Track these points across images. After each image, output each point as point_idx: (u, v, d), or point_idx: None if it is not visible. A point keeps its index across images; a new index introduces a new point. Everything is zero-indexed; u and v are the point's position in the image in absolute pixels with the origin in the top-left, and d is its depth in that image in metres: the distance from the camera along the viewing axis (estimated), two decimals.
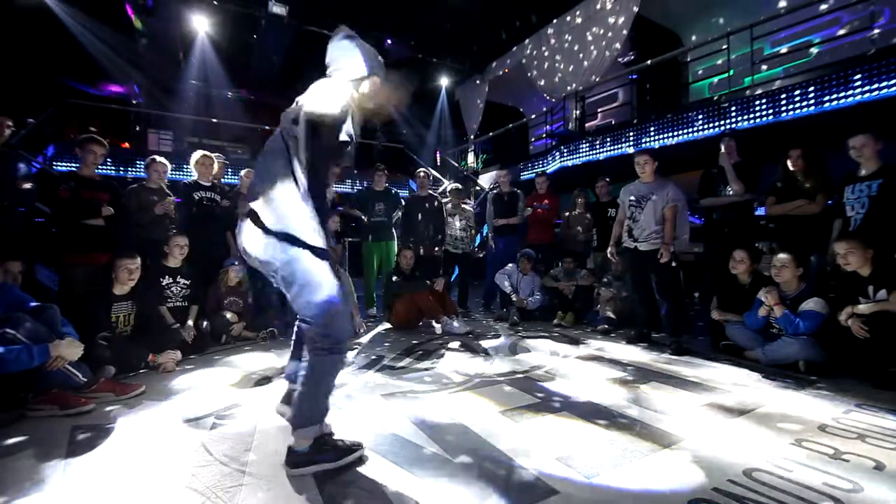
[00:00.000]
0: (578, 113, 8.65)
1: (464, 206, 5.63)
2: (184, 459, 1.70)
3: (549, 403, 2.33)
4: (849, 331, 2.71)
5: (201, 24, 9.50)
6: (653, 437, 1.90)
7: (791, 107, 5.06)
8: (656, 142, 6.49)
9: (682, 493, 1.47)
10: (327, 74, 1.77)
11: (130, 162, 8.01)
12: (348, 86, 1.69)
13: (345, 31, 1.78)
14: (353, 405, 2.28)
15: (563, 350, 3.57)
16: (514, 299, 4.83)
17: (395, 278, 4.62)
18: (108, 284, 3.04)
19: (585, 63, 8.56)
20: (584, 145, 7.76)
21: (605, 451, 1.77)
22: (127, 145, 9.15)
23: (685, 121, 6.18)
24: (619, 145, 7.10)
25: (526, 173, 9.28)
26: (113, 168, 7.77)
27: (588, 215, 5.27)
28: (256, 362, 3.18)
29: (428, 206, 5.30)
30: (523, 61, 10.18)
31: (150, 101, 10.13)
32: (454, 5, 8.67)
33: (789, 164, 3.71)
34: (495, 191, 5.97)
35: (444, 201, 5.60)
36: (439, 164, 12.40)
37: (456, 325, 4.22)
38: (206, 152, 4.37)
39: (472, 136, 12.35)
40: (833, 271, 3.17)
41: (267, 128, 9.76)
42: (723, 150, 3.90)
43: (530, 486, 1.52)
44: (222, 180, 4.75)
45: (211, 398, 2.41)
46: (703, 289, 5.16)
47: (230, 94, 11.48)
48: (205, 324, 3.65)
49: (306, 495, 1.46)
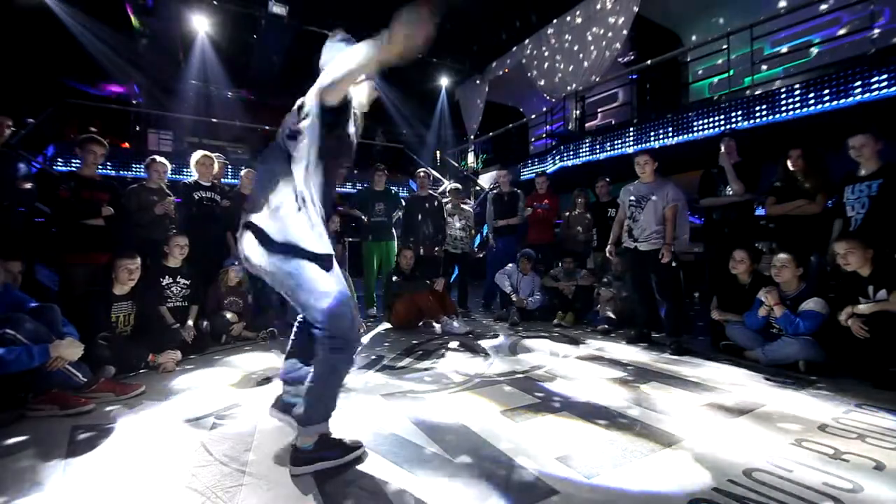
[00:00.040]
0: (578, 113, 8.65)
1: (463, 206, 5.63)
2: (184, 459, 1.70)
3: (549, 403, 2.33)
4: (849, 331, 2.71)
5: (201, 24, 9.51)
6: (653, 437, 1.90)
7: (791, 107, 5.06)
8: (656, 142, 6.49)
9: (682, 493, 1.47)
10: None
11: (126, 165, 8.01)
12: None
13: (341, 34, 1.76)
14: (353, 405, 2.28)
15: (563, 350, 3.57)
16: (514, 299, 4.83)
17: (395, 278, 4.62)
18: (108, 284, 3.04)
19: (585, 63, 8.56)
20: (584, 145, 7.76)
21: (605, 451, 1.77)
22: (127, 145, 9.15)
23: (685, 121, 6.18)
24: (619, 145, 7.10)
25: (526, 173, 9.28)
26: (113, 168, 7.77)
27: (588, 215, 5.27)
28: (256, 362, 3.18)
29: (428, 206, 5.30)
30: (523, 61, 10.18)
31: (150, 101, 10.13)
32: (454, 5, 8.66)
33: (789, 164, 3.71)
34: (495, 191, 5.97)
35: (444, 201, 5.60)
36: (439, 163, 12.40)
37: (456, 325, 4.22)
38: (207, 152, 4.37)
39: (472, 136, 12.35)
40: (833, 271, 3.17)
41: (267, 128, 9.77)
42: (723, 150, 3.91)
43: (530, 486, 1.52)
44: (222, 180, 4.76)
45: (211, 398, 2.42)
46: (703, 289, 5.16)
47: (230, 94, 11.49)
48: (205, 324, 3.66)
49: (306, 495, 1.46)
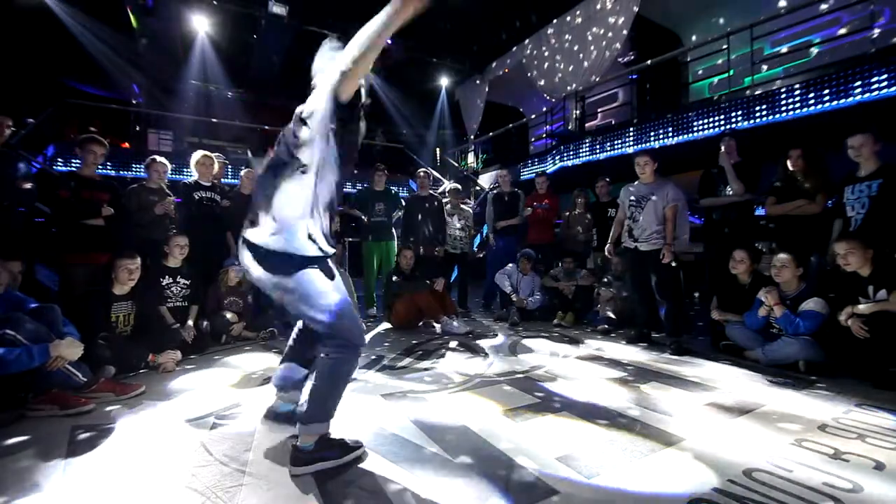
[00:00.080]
0: (578, 113, 8.65)
1: (463, 206, 5.63)
2: (184, 459, 1.70)
3: (549, 403, 2.33)
4: (849, 331, 2.71)
5: (201, 24, 9.52)
6: (653, 437, 1.90)
7: (791, 107, 5.06)
8: (656, 142, 6.49)
9: (683, 492, 1.47)
10: (312, 85, 1.70)
11: (126, 165, 8.01)
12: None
13: (333, 41, 1.74)
14: (353, 405, 2.27)
15: (563, 350, 3.57)
16: (514, 299, 4.83)
17: (395, 278, 4.62)
18: (108, 284, 3.04)
19: (585, 63, 8.56)
20: (584, 145, 7.75)
21: (605, 451, 1.77)
22: (127, 145, 9.15)
23: (685, 121, 6.18)
24: (619, 145, 7.10)
25: (526, 173, 9.28)
26: (113, 168, 7.77)
27: (588, 215, 5.27)
28: (256, 362, 3.18)
29: (428, 206, 5.30)
30: (523, 61, 10.18)
31: (150, 101, 10.13)
32: (454, 5, 8.66)
33: (789, 164, 3.71)
34: (495, 191, 5.96)
35: (443, 201, 5.60)
36: (439, 163, 12.40)
37: (456, 325, 4.22)
38: (207, 152, 4.37)
39: (472, 136, 12.35)
40: (833, 271, 3.17)
41: (266, 128, 9.77)
42: (723, 150, 3.91)
43: (530, 486, 1.52)
44: (222, 180, 4.76)
45: (211, 398, 2.42)
46: (703, 289, 5.16)
47: (230, 94, 11.49)
48: (205, 324, 3.65)
49: (307, 495, 1.46)
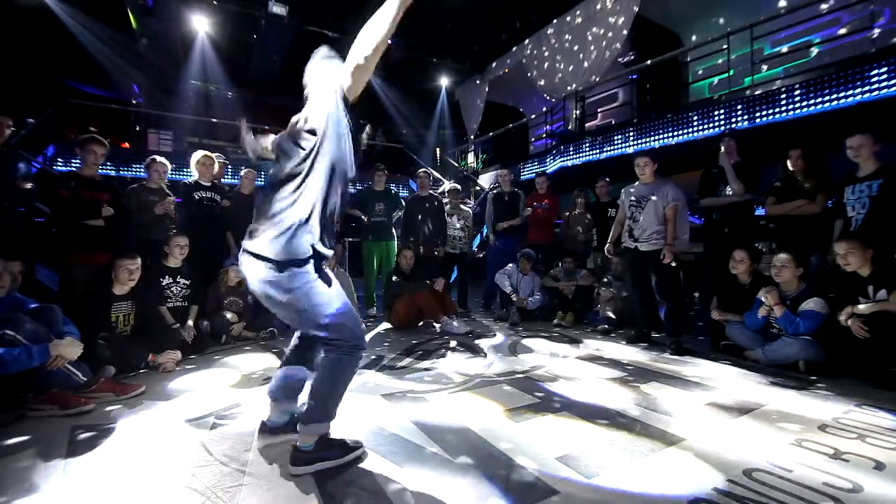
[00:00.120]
0: (578, 113, 8.64)
1: (462, 206, 5.63)
2: (184, 459, 1.70)
3: (549, 403, 2.33)
4: (849, 331, 2.71)
5: (201, 24, 9.51)
6: (653, 437, 1.90)
7: (791, 107, 5.05)
8: (656, 142, 6.49)
9: (683, 492, 1.47)
10: (304, 97, 1.67)
11: (127, 164, 8.00)
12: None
13: (324, 51, 1.72)
14: (353, 405, 2.27)
15: (563, 350, 3.57)
16: (514, 299, 4.83)
17: (395, 278, 4.62)
18: (108, 284, 3.04)
19: (585, 63, 8.56)
20: (584, 145, 7.75)
21: (605, 451, 1.77)
22: (127, 145, 9.15)
23: (685, 121, 6.18)
24: (619, 145, 7.09)
25: (526, 173, 9.28)
26: (113, 168, 7.77)
27: (588, 215, 5.27)
28: (256, 362, 3.19)
29: (428, 206, 5.30)
30: (523, 61, 10.18)
31: (150, 101, 10.13)
32: (454, 5, 8.67)
33: (789, 164, 3.71)
34: (496, 190, 5.96)
35: (444, 201, 5.60)
36: (439, 163, 12.40)
37: (456, 325, 4.22)
38: (207, 152, 4.37)
39: (472, 136, 12.35)
40: (833, 271, 3.17)
41: (266, 128, 9.76)
42: (723, 150, 3.91)
43: (530, 486, 1.52)
44: (222, 180, 4.76)
45: (211, 398, 2.42)
46: (703, 289, 5.16)
47: (230, 93, 11.48)
48: (205, 324, 3.66)
49: (306, 495, 1.46)
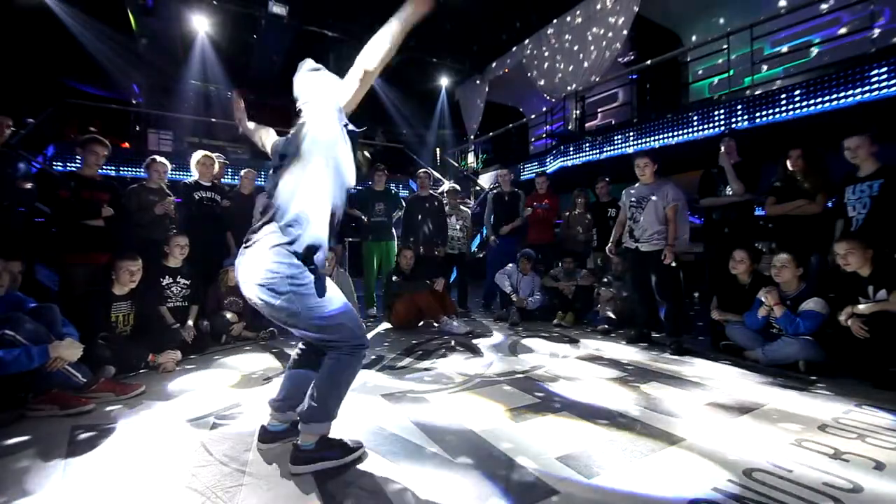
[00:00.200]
0: (578, 113, 8.64)
1: (461, 206, 5.62)
2: (184, 459, 1.70)
3: (549, 403, 2.33)
4: (849, 331, 2.71)
5: (201, 24, 9.51)
6: (653, 437, 1.90)
7: (791, 107, 5.05)
8: (656, 142, 6.49)
9: (683, 492, 1.47)
10: (297, 109, 1.67)
11: (128, 163, 7.99)
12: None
13: (310, 63, 1.73)
14: (353, 405, 2.27)
15: (562, 350, 3.57)
16: (514, 299, 4.83)
17: (395, 278, 4.62)
18: (108, 284, 3.04)
19: (585, 63, 8.56)
20: (584, 145, 7.75)
21: (606, 451, 1.77)
22: (127, 145, 9.15)
23: (685, 121, 6.18)
24: (619, 145, 7.09)
25: (526, 173, 9.28)
26: (113, 168, 7.77)
27: (588, 215, 5.27)
28: (256, 362, 3.19)
29: (428, 206, 5.29)
30: (523, 61, 10.18)
31: (150, 101, 10.13)
32: (454, 5, 8.66)
33: (789, 164, 3.71)
34: (496, 190, 5.96)
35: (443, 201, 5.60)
36: (439, 163, 12.40)
37: (456, 325, 4.22)
38: (208, 152, 4.37)
39: (472, 136, 12.35)
40: (833, 271, 3.17)
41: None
42: (723, 150, 3.91)
43: (530, 486, 1.52)
44: (222, 180, 4.76)
45: (211, 398, 2.42)
46: (703, 289, 5.16)
47: (230, 93, 11.48)
48: (205, 324, 3.66)
49: (307, 495, 1.46)
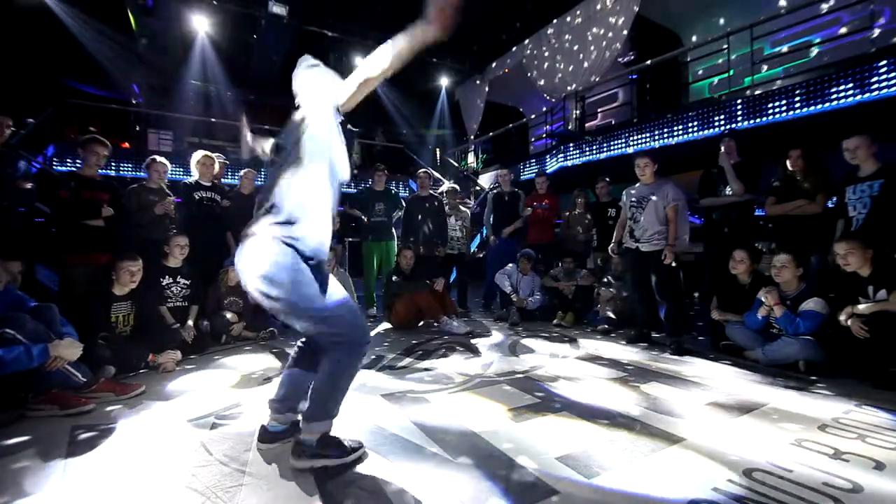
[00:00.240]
0: (578, 113, 8.64)
1: (461, 206, 5.62)
2: (184, 459, 1.70)
3: (549, 403, 2.33)
4: (849, 331, 2.71)
5: (201, 24, 9.51)
6: (653, 437, 1.90)
7: (791, 107, 5.05)
8: (656, 142, 6.49)
9: (683, 492, 1.46)
10: (296, 105, 1.69)
11: (128, 160, 8.00)
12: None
13: (309, 60, 1.74)
14: (353, 405, 2.27)
15: (562, 350, 3.57)
16: (514, 299, 4.83)
17: (395, 278, 4.62)
18: (108, 284, 3.04)
19: (585, 63, 8.56)
20: (584, 145, 7.75)
21: (606, 451, 1.77)
22: (127, 145, 9.15)
23: (685, 121, 6.18)
24: (620, 145, 7.09)
25: (526, 173, 9.28)
26: (113, 168, 7.77)
27: (588, 215, 5.27)
28: (256, 362, 3.19)
29: (428, 206, 5.29)
30: (523, 61, 10.18)
31: (150, 101, 10.13)
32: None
33: (789, 164, 3.71)
34: (496, 190, 5.96)
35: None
36: (439, 163, 12.40)
37: (456, 325, 4.22)
38: (208, 152, 4.38)
39: (472, 136, 12.35)
40: (833, 271, 3.17)
41: (266, 127, 9.76)
42: (723, 151, 3.91)
43: (530, 486, 1.52)
44: (222, 180, 4.76)
45: (211, 398, 2.42)
46: (703, 289, 5.16)
47: (230, 93, 11.49)
48: (205, 324, 3.66)
49: (307, 495, 1.46)
